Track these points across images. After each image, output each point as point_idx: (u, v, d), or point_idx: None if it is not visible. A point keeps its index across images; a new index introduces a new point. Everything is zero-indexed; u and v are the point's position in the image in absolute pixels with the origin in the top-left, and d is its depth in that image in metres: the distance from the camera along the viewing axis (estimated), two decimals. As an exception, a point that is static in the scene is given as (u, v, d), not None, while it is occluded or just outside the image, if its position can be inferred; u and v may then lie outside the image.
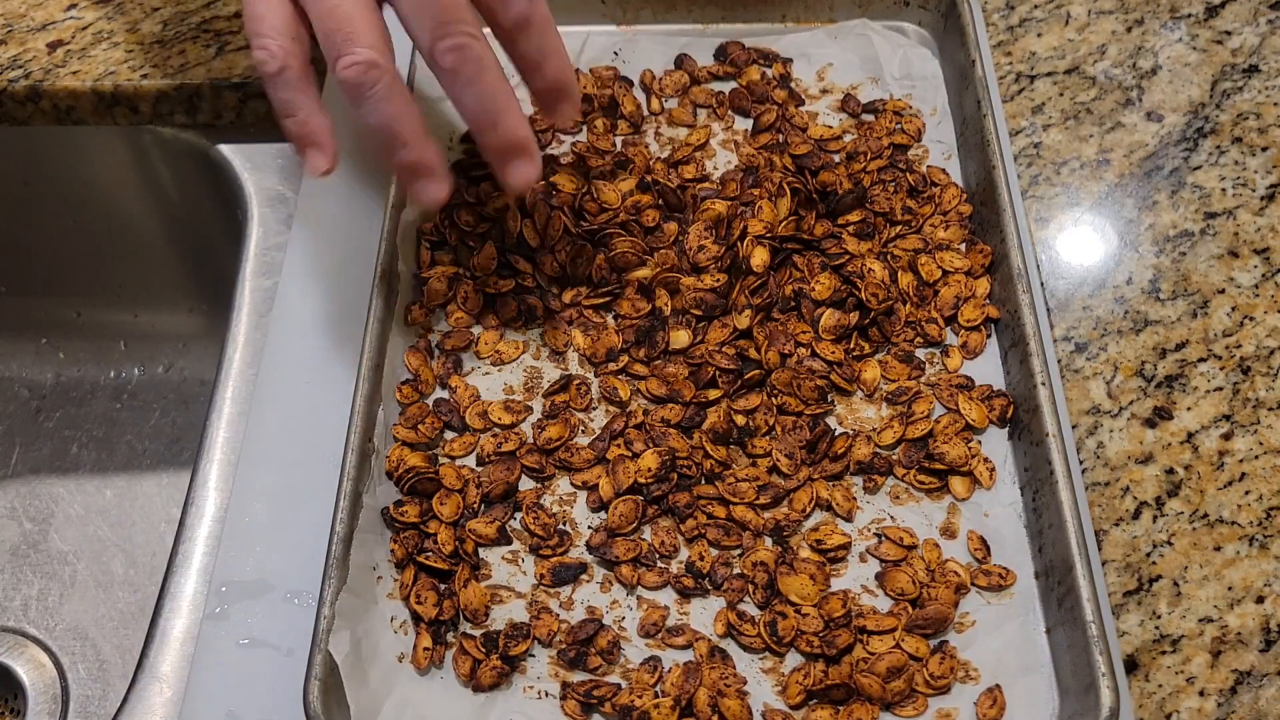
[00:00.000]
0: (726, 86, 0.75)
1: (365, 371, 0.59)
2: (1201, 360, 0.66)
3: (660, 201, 0.67)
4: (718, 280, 0.63)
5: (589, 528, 0.58)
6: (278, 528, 0.60)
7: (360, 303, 0.63)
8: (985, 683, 0.53)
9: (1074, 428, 0.63)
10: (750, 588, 0.55)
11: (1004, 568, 0.56)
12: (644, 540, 0.57)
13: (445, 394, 0.62)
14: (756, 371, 0.61)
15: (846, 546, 0.57)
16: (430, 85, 0.72)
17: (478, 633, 0.55)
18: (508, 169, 0.55)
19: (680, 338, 0.63)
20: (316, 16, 0.52)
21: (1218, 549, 0.59)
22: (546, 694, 0.53)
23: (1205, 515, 0.60)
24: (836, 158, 0.70)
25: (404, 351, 0.63)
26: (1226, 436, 0.63)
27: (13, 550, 0.83)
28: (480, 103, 0.52)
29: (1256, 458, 0.62)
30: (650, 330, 0.63)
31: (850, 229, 0.66)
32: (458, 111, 0.54)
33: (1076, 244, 0.71)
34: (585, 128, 0.73)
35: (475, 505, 0.58)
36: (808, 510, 0.58)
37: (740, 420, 0.60)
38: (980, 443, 0.60)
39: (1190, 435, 0.63)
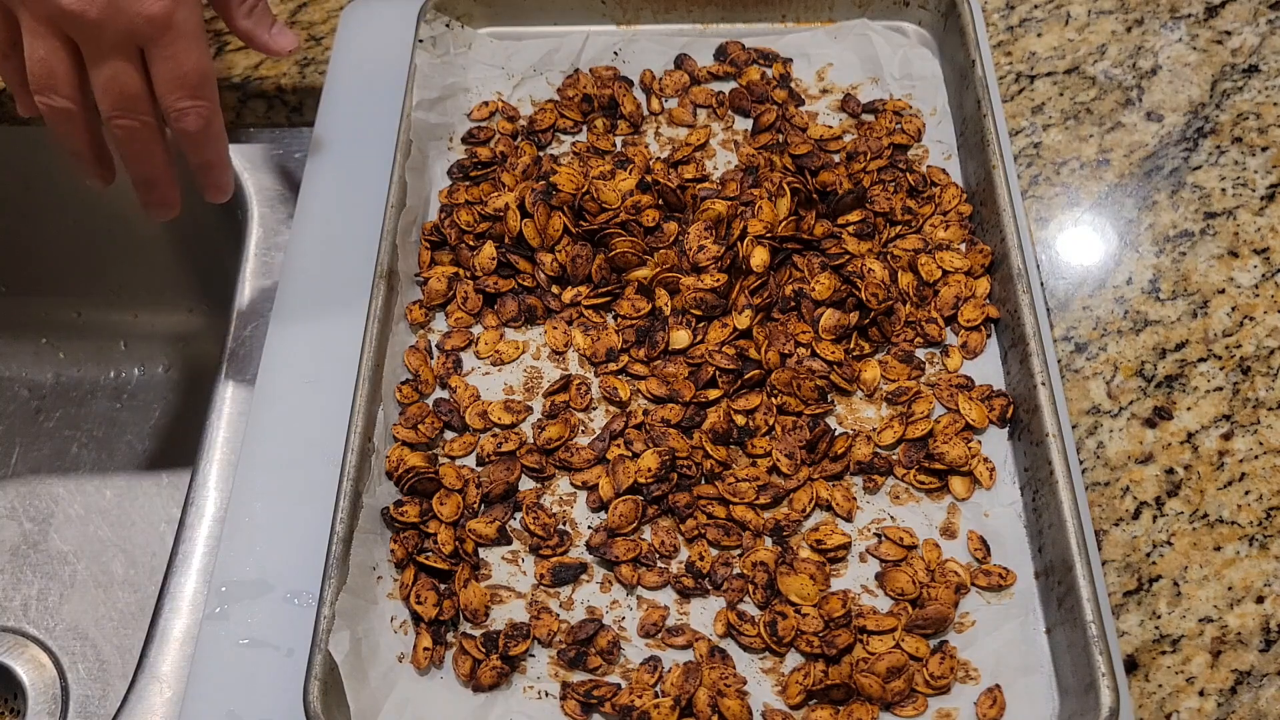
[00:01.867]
0: (726, 86, 0.75)
1: (365, 371, 0.59)
2: (1201, 360, 0.66)
3: (660, 201, 0.67)
4: (718, 280, 0.63)
5: (589, 528, 0.58)
6: (278, 528, 0.60)
7: (360, 303, 0.63)
8: (985, 683, 0.53)
9: (1074, 428, 0.63)
10: (750, 588, 0.55)
11: (1004, 568, 0.56)
12: (644, 540, 0.57)
13: (445, 394, 0.62)
14: (756, 371, 0.61)
15: (846, 546, 0.57)
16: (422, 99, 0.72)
17: (478, 633, 0.55)
18: (148, 206, 0.64)
19: (680, 338, 0.63)
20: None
21: (1218, 549, 0.59)
22: (546, 694, 0.53)
23: (1205, 515, 0.60)
24: (836, 158, 0.70)
25: (404, 351, 0.63)
26: (1226, 436, 0.63)
27: (13, 550, 0.83)
28: (141, 170, 0.61)
29: (1256, 458, 0.62)
30: (650, 330, 0.63)
31: (850, 229, 0.66)
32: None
33: (1076, 244, 0.71)
34: (585, 128, 0.73)
35: (475, 505, 0.58)
36: (808, 510, 0.58)
37: (740, 420, 0.60)
38: (980, 443, 0.60)
39: (1190, 435, 0.63)
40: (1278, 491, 0.61)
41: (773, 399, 0.61)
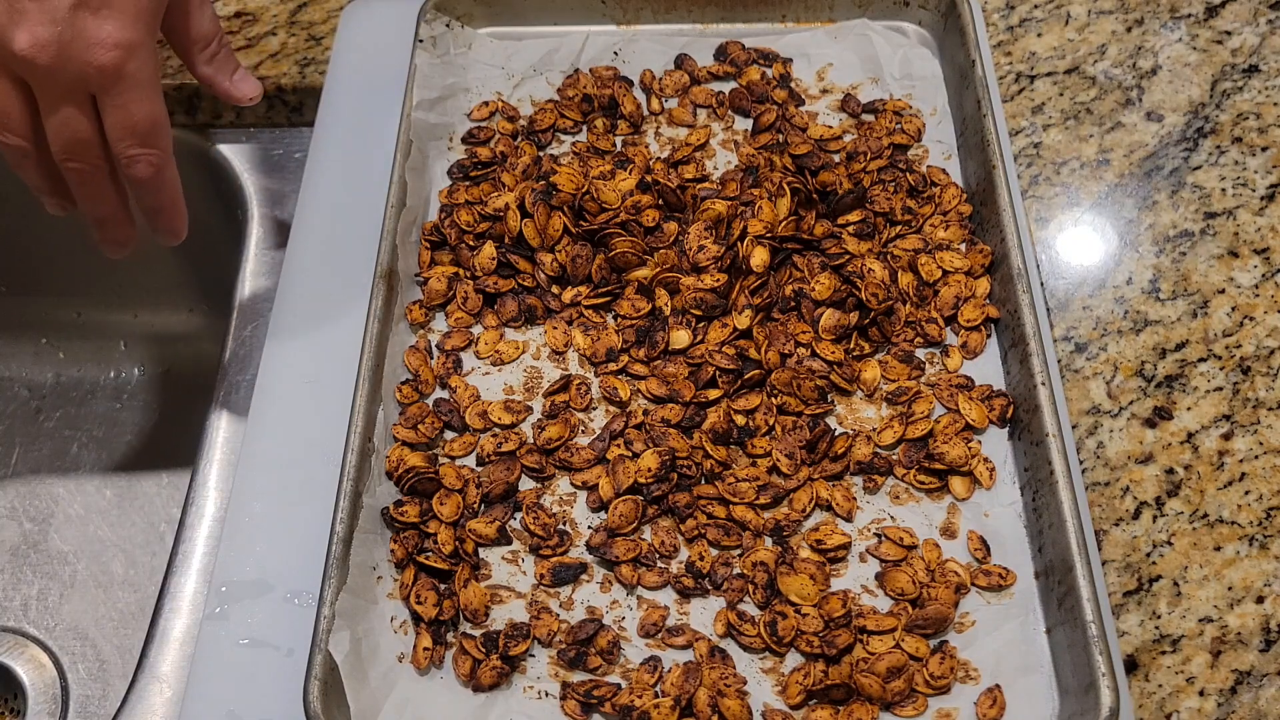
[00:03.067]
0: (726, 86, 0.75)
1: (365, 371, 0.59)
2: (1201, 360, 0.66)
3: (660, 201, 0.67)
4: (718, 280, 0.63)
5: (589, 528, 0.58)
6: (278, 528, 0.60)
7: (360, 303, 0.63)
8: (985, 683, 0.53)
9: (1074, 428, 0.63)
10: (750, 588, 0.55)
11: (1004, 568, 0.56)
12: (644, 540, 0.57)
13: (445, 394, 0.62)
14: (756, 371, 0.61)
15: (846, 546, 0.57)
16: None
17: (478, 633, 0.55)
18: (102, 244, 0.64)
19: (680, 338, 0.63)
20: None
21: (1218, 549, 0.59)
22: (546, 694, 0.53)
23: (1205, 515, 0.60)
24: (836, 158, 0.70)
25: (404, 351, 0.63)
26: (1226, 436, 0.63)
27: (13, 550, 0.83)
28: (92, 210, 0.61)
29: (1256, 458, 0.62)
30: (650, 330, 0.63)
31: (850, 229, 0.66)
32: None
33: (1076, 244, 0.71)
34: (585, 128, 0.73)
35: (475, 505, 0.58)
36: (808, 510, 0.58)
37: (740, 420, 0.60)
38: (980, 443, 0.60)
39: (1190, 435, 0.63)
40: (1278, 491, 0.61)
41: (773, 399, 0.61)
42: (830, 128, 0.71)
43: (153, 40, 0.57)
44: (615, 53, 0.76)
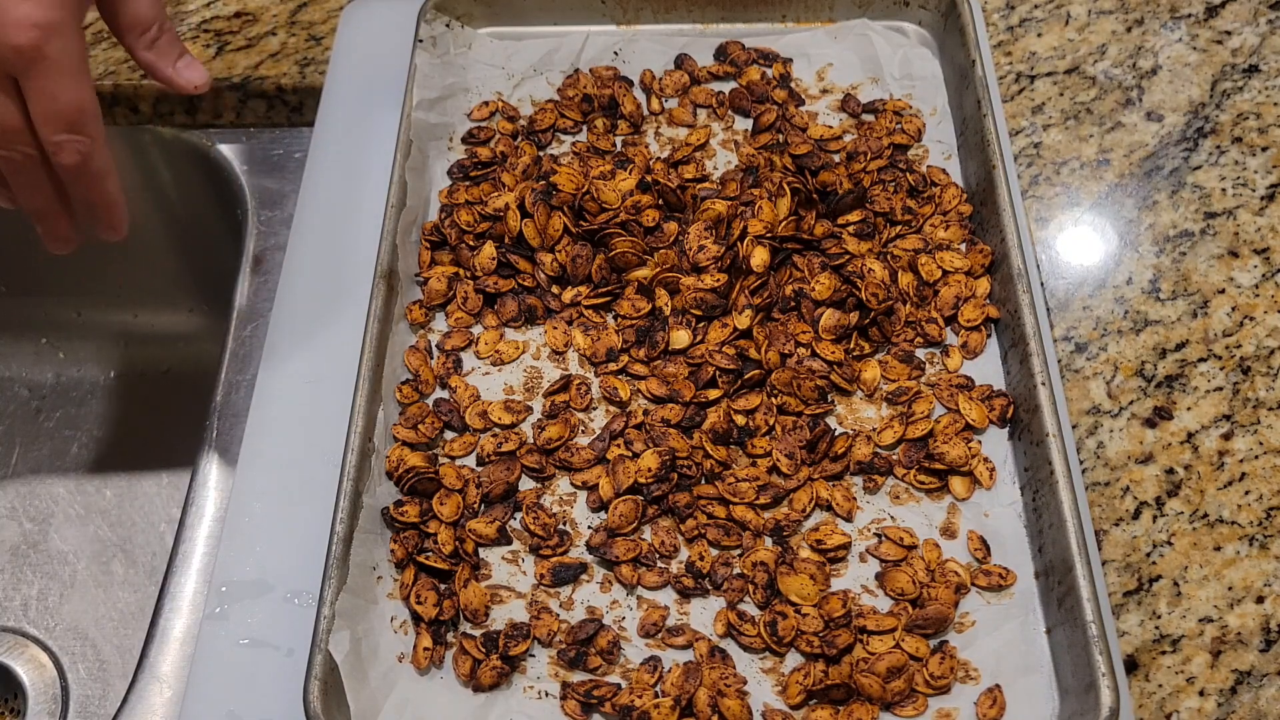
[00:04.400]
0: (726, 86, 0.75)
1: (365, 371, 0.59)
2: (1201, 360, 0.66)
3: (660, 201, 0.67)
4: (718, 280, 0.63)
5: (589, 528, 0.58)
6: (278, 528, 0.60)
7: (360, 303, 0.63)
8: (985, 683, 0.53)
9: (1074, 428, 0.63)
10: (750, 588, 0.55)
11: (1004, 568, 0.56)
12: (644, 540, 0.57)
13: (445, 394, 0.62)
14: (756, 371, 0.61)
15: (846, 546, 0.57)
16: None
17: (478, 633, 0.55)
18: (44, 239, 0.62)
19: (680, 338, 0.63)
20: None
21: (1218, 549, 0.59)
22: (546, 694, 0.53)
23: (1205, 515, 0.60)
24: (836, 158, 0.70)
25: (404, 351, 0.63)
26: (1226, 436, 0.63)
27: (13, 550, 0.83)
28: (28, 201, 0.59)
29: (1256, 458, 0.62)
30: (650, 330, 0.63)
31: (850, 229, 0.66)
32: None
33: (1076, 244, 0.71)
34: (585, 128, 0.73)
35: (475, 505, 0.58)
36: (808, 510, 0.58)
37: (740, 420, 0.60)
38: (980, 443, 0.60)
39: (1190, 435, 0.63)
40: (1278, 491, 0.61)
41: (773, 399, 0.61)
42: (830, 128, 0.71)
43: (77, 22, 0.54)
44: (615, 53, 0.76)
